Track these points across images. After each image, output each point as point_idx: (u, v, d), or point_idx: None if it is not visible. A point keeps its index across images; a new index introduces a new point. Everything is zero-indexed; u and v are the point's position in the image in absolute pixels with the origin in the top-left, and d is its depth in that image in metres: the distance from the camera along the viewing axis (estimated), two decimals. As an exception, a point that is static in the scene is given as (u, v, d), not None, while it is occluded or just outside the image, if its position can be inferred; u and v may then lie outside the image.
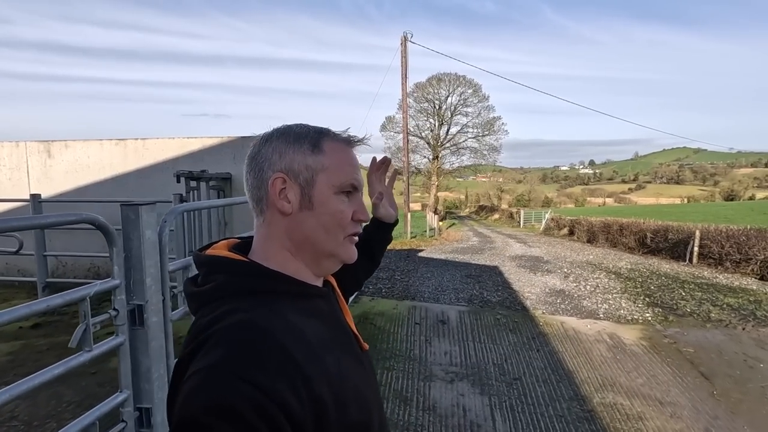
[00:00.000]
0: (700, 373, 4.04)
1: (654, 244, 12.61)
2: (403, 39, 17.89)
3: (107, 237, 1.52)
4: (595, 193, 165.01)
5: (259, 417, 0.49)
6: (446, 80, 39.32)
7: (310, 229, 0.69)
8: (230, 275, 0.65)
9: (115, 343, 1.57)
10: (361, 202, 0.74)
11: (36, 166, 6.29)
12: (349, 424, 0.60)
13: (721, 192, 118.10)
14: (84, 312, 1.42)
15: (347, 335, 0.74)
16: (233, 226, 5.88)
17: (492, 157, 41.13)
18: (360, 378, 0.69)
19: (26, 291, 5.91)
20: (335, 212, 0.69)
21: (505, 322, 5.47)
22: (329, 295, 0.76)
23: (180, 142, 6.00)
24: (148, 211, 1.66)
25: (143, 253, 1.64)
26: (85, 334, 1.43)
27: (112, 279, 1.56)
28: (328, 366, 0.61)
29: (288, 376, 0.54)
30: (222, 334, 0.56)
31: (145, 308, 1.66)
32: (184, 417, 0.51)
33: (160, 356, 1.74)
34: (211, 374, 0.52)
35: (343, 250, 0.72)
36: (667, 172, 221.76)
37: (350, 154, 0.74)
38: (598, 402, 3.47)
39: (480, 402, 3.44)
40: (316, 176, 0.69)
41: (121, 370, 1.61)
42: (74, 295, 1.39)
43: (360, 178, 0.74)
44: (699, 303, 6.60)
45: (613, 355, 4.46)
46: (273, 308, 0.62)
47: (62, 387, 3.25)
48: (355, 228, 0.73)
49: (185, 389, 0.53)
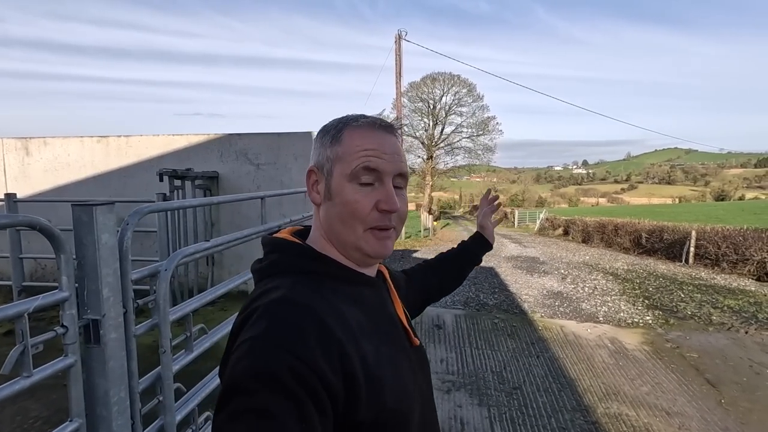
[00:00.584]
0: (706, 380, 3.88)
1: (649, 245, 12.54)
2: (397, 37, 17.70)
3: (53, 242, 1.30)
4: (588, 193, 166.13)
5: (297, 383, 0.52)
6: (441, 80, 39.21)
7: (331, 219, 0.70)
8: (282, 255, 0.71)
9: (63, 365, 1.35)
10: (386, 191, 0.68)
11: (13, 164, 6.01)
12: (382, 409, 0.61)
13: (711, 192, 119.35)
14: (21, 331, 1.20)
15: (394, 327, 0.74)
16: (220, 226, 5.65)
17: (486, 157, 41.09)
18: (402, 370, 0.68)
19: (2, 295, 5.64)
20: (348, 202, 0.67)
21: (503, 327, 5.29)
22: (377, 285, 0.76)
23: (165, 139, 5.75)
24: (105, 213, 1.44)
25: (99, 260, 1.42)
26: (22, 356, 1.21)
27: (60, 290, 1.34)
28: (364, 351, 0.62)
29: (325, 348, 0.56)
30: (266, 308, 0.60)
31: (102, 323, 1.44)
32: (230, 383, 0.55)
33: (120, 377, 1.51)
34: (254, 344, 0.56)
35: (365, 244, 0.69)
36: (659, 172, 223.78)
37: (369, 139, 0.69)
38: (603, 413, 3.29)
39: (479, 414, 3.25)
40: (333, 166, 0.69)
41: (71, 395, 1.39)
42: (8, 311, 1.17)
43: (382, 162, 0.68)
44: (699, 305, 6.48)
45: (615, 361, 4.29)
46: (315, 288, 0.65)
47: (29, 401, 3.01)
48: (382, 220, 0.68)
49: (233, 358, 0.57)
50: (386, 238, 0.70)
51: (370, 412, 0.59)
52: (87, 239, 1.41)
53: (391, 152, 0.69)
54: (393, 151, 0.70)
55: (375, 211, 0.68)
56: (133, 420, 1.59)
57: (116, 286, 1.50)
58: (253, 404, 0.51)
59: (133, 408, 1.60)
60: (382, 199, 0.67)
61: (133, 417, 1.59)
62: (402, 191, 0.72)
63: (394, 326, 0.74)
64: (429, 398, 0.77)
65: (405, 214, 0.72)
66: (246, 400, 0.52)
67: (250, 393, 0.52)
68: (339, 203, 0.68)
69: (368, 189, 0.68)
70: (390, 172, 0.69)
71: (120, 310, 1.52)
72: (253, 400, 0.52)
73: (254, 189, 5.62)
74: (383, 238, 0.69)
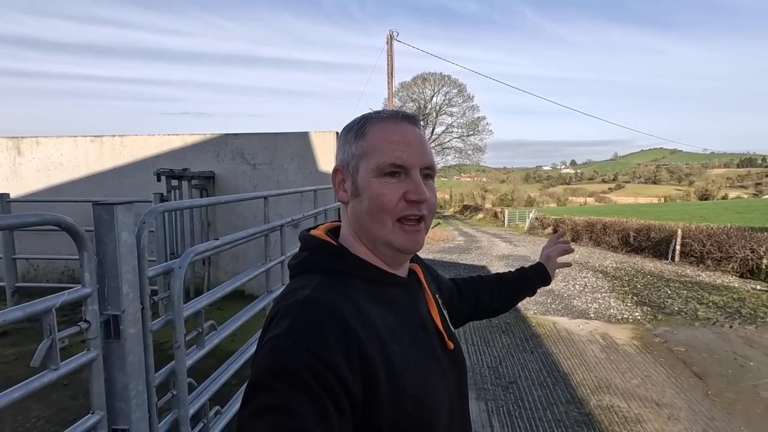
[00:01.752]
0: (693, 372, 4.03)
1: (637, 243, 12.80)
2: (388, 37, 17.76)
3: (76, 240, 1.34)
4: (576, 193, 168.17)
5: (315, 380, 0.53)
6: (431, 80, 39.37)
7: (360, 216, 0.69)
8: (312, 253, 0.71)
9: (86, 359, 1.39)
10: (414, 181, 0.67)
11: (4, 164, 5.94)
12: (403, 415, 0.60)
13: (696, 192, 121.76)
14: (49, 326, 1.24)
15: (425, 330, 0.72)
16: (217, 226, 5.65)
17: (476, 157, 41.36)
18: (430, 375, 0.67)
19: (-6, 296, 5.57)
20: (375, 196, 0.67)
21: (497, 323, 5.39)
22: (409, 286, 0.74)
23: (160, 139, 5.74)
24: (124, 211, 1.49)
25: (119, 257, 1.47)
26: (50, 350, 1.25)
27: (83, 287, 1.38)
28: (390, 354, 0.61)
29: (345, 349, 0.57)
30: (289, 307, 0.61)
31: (122, 319, 1.48)
32: (253, 380, 0.56)
33: (138, 371, 1.56)
34: (276, 342, 0.57)
35: (395, 238, 0.68)
36: (645, 172, 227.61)
37: (392, 132, 0.68)
38: (596, 405, 3.40)
39: (476, 407, 3.34)
40: (359, 163, 0.69)
41: (93, 388, 1.43)
42: (37, 306, 1.21)
43: (407, 154, 0.67)
44: (685, 301, 6.67)
45: (606, 355, 4.42)
46: (341, 287, 0.64)
47: (30, 401, 3.01)
48: (409, 210, 0.67)
49: (258, 355, 0.59)
50: (416, 232, 0.68)
51: (391, 417, 0.58)
52: (108, 237, 1.46)
53: (416, 144, 0.68)
54: (418, 143, 0.68)
55: (402, 202, 0.66)
56: (149, 413, 1.63)
57: (135, 283, 1.54)
58: (273, 401, 0.52)
59: (150, 402, 1.64)
60: (410, 189, 0.66)
61: (149, 410, 1.63)
62: (429, 182, 0.70)
63: (425, 328, 0.72)
64: (461, 405, 0.75)
65: (435, 205, 0.71)
66: (267, 397, 0.53)
67: (271, 390, 0.53)
68: (366, 198, 0.67)
69: (395, 181, 0.67)
70: (416, 164, 0.67)
71: (138, 306, 1.57)
72: (274, 396, 0.53)
73: (251, 189, 5.64)
74: (413, 231, 0.68)
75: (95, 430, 1.44)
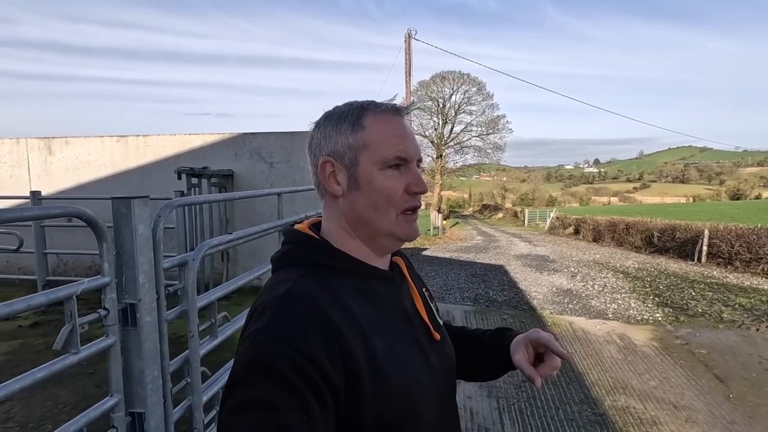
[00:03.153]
0: (715, 375, 3.91)
1: (661, 243, 12.44)
2: (407, 36, 17.75)
3: (96, 232, 1.42)
4: (599, 192, 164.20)
5: (297, 374, 0.53)
6: (450, 78, 39.10)
7: (361, 209, 0.68)
8: (293, 246, 0.70)
9: (105, 345, 1.47)
10: (414, 174, 0.69)
11: (36, 163, 6.23)
12: (387, 407, 0.60)
13: (727, 191, 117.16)
14: (70, 311, 1.32)
15: (409, 322, 0.72)
16: (235, 222, 5.79)
17: (496, 155, 40.88)
18: (415, 367, 0.67)
19: (26, 289, 5.84)
20: (382, 189, 0.67)
21: (511, 322, 5.35)
22: (392, 279, 0.74)
23: (181, 138, 5.92)
24: (140, 205, 1.56)
25: (135, 249, 1.55)
26: (71, 335, 1.33)
27: (102, 276, 1.46)
28: (372, 346, 0.61)
29: (326, 343, 0.56)
30: (269, 302, 0.61)
31: (138, 307, 1.56)
32: (233, 376, 0.56)
33: (154, 358, 1.64)
34: (256, 338, 0.57)
35: (399, 228, 0.69)
36: (672, 171, 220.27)
37: (394, 125, 0.69)
38: (610, 405, 3.35)
39: (488, 405, 3.33)
40: (359, 155, 0.68)
41: (111, 372, 1.51)
42: (59, 293, 1.29)
43: (409, 148, 0.69)
44: (710, 303, 6.46)
45: (624, 356, 4.34)
46: (323, 281, 0.64)
47: (58, 388, 3.17)
48: (412, 202, 0.69)
49: (238, 352, 0.59)
50: (414, 221, 0.71)
51: (375, 409, 0.59)
52: (125, 230, 1.54)
53: (412, 137, 0.70)
54: (412, 136, 0.71)
55: (405, 194, 0.68)
56: (164, 398, 1.71)
57: (150, 274, 1.62)
58: (254, 396, 0.52)
59: (165, 388, 1.72)
60: (411, 182, 0.68)
61: (164, 396, 1.71)
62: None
63: (408, 321, 0.72)
64: (449, 396, 0.75)
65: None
66: (248, 393, 0.53)
67: (252, 385, 0.53)
68: (371, 191, 0.67)
69: (397, 173, 0.68)
70: (415, 156, 0.70)
71: (153, 295, 1.65)
72: (255, 392, 0.52)
73: (268, 187, 5.75)
74: (412, 220, 0.70)
75: (113, 412, 1.52)
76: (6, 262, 6.47)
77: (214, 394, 2.05)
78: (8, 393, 1.15)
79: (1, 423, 2.84)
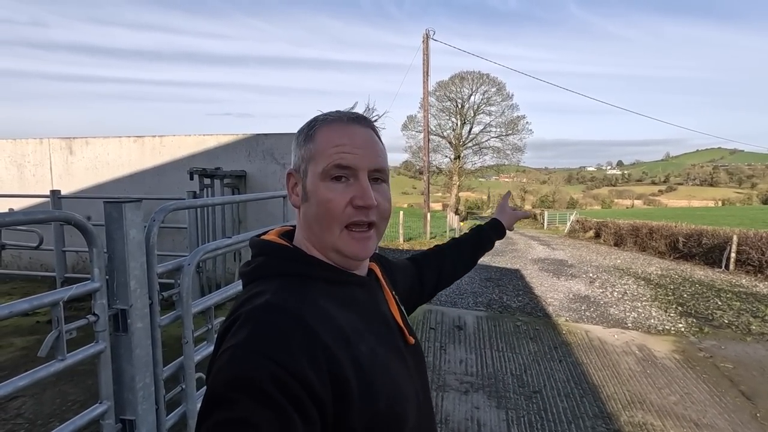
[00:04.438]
0: (741, 392, 3.70)
1: (686, 249, 11.98)
2: (425, 36, 17.65)
3: (86, 236, 1.41)
4: (623, 195, 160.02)
5: (279, 391, 0.51)
6: (469, 79, 38.79)
7: (309, 220, 0.67)
8: (268, 257, 0.68)
9: (94, 351, 1.46)
10: (361, 187, 0.65)
11: (58, 163, 6.40)
12: (375, 413, 0.59)
13: (759, 195, 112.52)
14: (57, 317, 1.31)
15: (387, 326, 0.72)
16: (248, 223, 5.82)
17: (515, 157, 40.37)
18: (398, 371, 0.67)
19: (47, 286, 6.02)
20: (321, 201, 0.65)
21: (525, 330, 5.21)
22: (369, 284, 0.74)
23: (196, 139, 5.98)
24: (132, 209, 1.55)
25: (127, 253, 1.53)
26: (57, 341, 1.31)
27: (92, 281, 1.45)
28: (357, 354, 0.60)
29: (310, 354, 0.55)
30: (249, 314, 0.58)
31: (129, 313, 1.54)
32: (210, 394, 0.53)
33: (145, 364, 1.62)
34: (235, 353, 0.54)
35: (343, 245, 0.66)
36: (701, 173, 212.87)
37: (339, 134, 0.66)
38: (626, 421, 3.20)
39: (496, 416, 3.23)
40: (307, 166, 0.67)
41: (101, 379, 1.50)
42: (44, 299, 1.28)
43: (352, 156, 0.65)
44: (737, 314, 6.15)
45: (642, 368, 4.15)
46: (302, 291, 0.63)
47: (68, 385, 3.21)
48: (357, 216, 0.65)
49: (215, 367, 0.56)
50: (365, 239, 0.67)
51: (363, 417, 0.58)
52: (116, 234, 1.52)
53: (364, 146, 0.66)
54: (366, 145, 0.66)
55: (350, 208, 0.64)
56: (157, 405, 1.69)
57: (143, 279, 1.60)
58: (234, 415, 0.50)
59: (158, 394, 1.70)
60: (357, 194, 0.64)
61: (157, 402, 1.69)
62: (381, 185, 0.68)
63: (387, 326, 0.72)
64: (425, 398, 0.75)
65: (387, 211, 0.69)
66: (226, 412, 0.50)
67: (231, 403, 0.50)
68: (314, 203, 0.66)
69: (342, 186, 0.65)
70: (363, 167, 0.65)
71: (146, 301, 1.62)
72: (234, 411, 0.50)
73: (280, 188, 5.76)
74: (362, 238, 0.66)
75: (102, 419, 1.50)
76: (29, 258, 6.67)
77: (210, 400, 2.03)
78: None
79: (12, 419, 2.89)
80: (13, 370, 3.61)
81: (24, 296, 1.18)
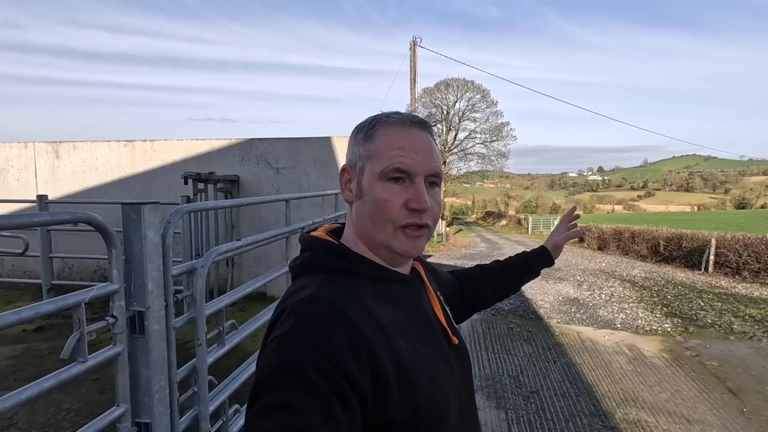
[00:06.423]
0: (728, 388, 3.83)
1: (667, 252, 12.32)
2: (411, 43, 17.84)
3: (106, 238, 1.40)
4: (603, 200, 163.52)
5: (322, 378, 0.53)
6: (454, 85, 39.23)
7: (362, 218, 0.69)
8: (315, 253, 0.71)
9: (112, 353, 1.44)
10: (417, 189, 0.66)
11: (44, 167, 6.25)
12: (414, 409, 0.60)
13: (732, 200, 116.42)
14: (78, 319, 1.30)
15: (430, 326, 0.73)
16: (240, 228, 5.77)
17: (500, 162, 40.89)
18: (439, 370, 0.67)
19: (31, 293, 5.84)
20: (377, 200, 0.66)
21: (519, 332, 5.29)
22: (412, 283, 0.76)
23: (188, 143, 5.93)
24: (150, 211, 1.54)
25: (145, 255, 1.52)
26: (79, 343, 1.30)
27: (111, 283, 1.44)
28: (397, 349, 0.61)
29: (352, 346, 0.56)
30: (294, 306, 0.61)
31: (146, 315, 1.54)
32: (259, 379, 0.56)
33: (161, 367, 1.61)
34: (281, 341, 0.57)
35: (396, 243, 0.68)
36: (677, 179, 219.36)
37: (401, 136, 0.68)
38: (621, 418, 3.28)
39: (496, 416, 3.27)
40: (365, 164, 0.69)
41: (118, 382, 1.48)
42: (68, 300, 1.27)
43: (413, 162, 0.66)
44: (719, 314, 6.37)
45: (633, 367, 4.26)
46: (345, 285, 0.65)
47: (61, 394, 3.14)
48: (411, 218, 0.67)
49: (263, 355, 0.59)
50: (417, 237, 0.68)
51: (402, 413, 0.58)
52: (135, 236, 1.51)
53: (423, 150, 0.67)
54: (425, 149, 0.68)
55: (404, 210, 0.66)
56: (171, 408, 1.68)
57: (159, 281, 1.59)
58: (279, 400, 0.52)
59: (172, 397, 1.69)
60: (412, 197, 0.65)
61: (171, 405, 1.68)
62: (435, 189, 0.70)
63: (430, 325, 0.73)
64: (468, 399, 0.75)
65: (438, 213, 0.71)
66: (273, 396, 0.53)
67: (277, 389, 0.53)
68: (369, 201, 0.67)
69: (398, 187, 0.66)
70: (421, 171, 0.66)
71: (162, 303, 1.62)
72: (280, 395, 0.53)
73: (274, 192, 5.74)
74: (414, 237, 0.67)
75: (120, 422, 1.49)
76: (11, 265, 6.48)
77: (220, 403, 2.01)
78: (15, 403, 1.12)
79: (5, 429, 2.81)
80: (1, 380, 3.50)
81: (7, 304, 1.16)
